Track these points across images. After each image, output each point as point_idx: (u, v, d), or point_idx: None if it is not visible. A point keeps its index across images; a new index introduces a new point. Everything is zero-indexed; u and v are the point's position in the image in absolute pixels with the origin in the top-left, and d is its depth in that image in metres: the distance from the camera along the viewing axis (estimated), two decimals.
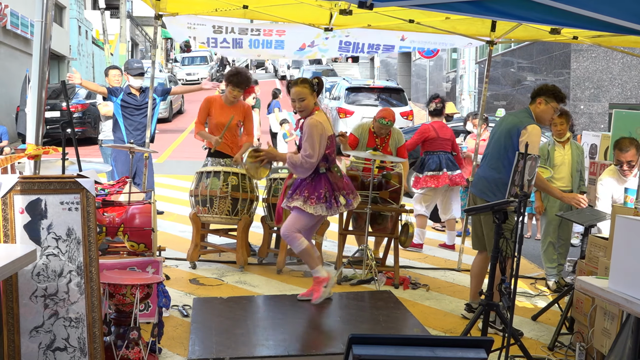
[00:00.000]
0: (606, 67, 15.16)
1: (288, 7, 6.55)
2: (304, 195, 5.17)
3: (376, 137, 6.72)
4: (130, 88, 7.72)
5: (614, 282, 3.20)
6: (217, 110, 6.69)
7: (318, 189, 5.18)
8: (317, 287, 5.23)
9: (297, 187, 5.29)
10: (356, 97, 18.26)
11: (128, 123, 7.66)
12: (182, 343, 4.58)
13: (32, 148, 3.72)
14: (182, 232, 7.92)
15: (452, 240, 7.93)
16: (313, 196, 5.16)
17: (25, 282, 3.50)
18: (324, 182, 5.19)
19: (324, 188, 5.18)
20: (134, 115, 7.64)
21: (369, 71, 38.85)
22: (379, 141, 6.71)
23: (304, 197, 5.17)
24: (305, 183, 5.23)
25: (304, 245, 5.23)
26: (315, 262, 5.28)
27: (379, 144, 6.70)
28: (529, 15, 3.92)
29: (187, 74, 34.84)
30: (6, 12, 18.57)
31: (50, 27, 3.74)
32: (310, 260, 5.28)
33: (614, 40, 6.81)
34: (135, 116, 7.63)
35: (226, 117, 6.64)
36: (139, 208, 4.57)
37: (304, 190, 5.20)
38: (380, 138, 6.71)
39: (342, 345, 4.44)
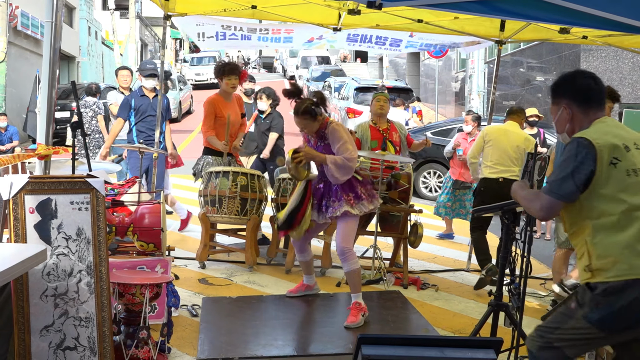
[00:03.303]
0: (616, 66, 15.08)
1: (296, 7, 6.56)
2: (344, 198, 4.90)
3: (379, 128, 6.64)
4: (143, 89, 7.69)
5: None
6: (223, 109, 6.68)
7: (353, 189, 4.95)
8: (355, 312, 4.89)
9: (329, 194, 5.00)
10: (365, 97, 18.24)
11: (140, 125, 7.61)
12: (192, 343, 4.59)
13: (43, 148, 3.74)
14: (191, 232, 7.94)
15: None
16: (350, 197, 4.92)
17: (36, 282, 3.52)
18: (354, 182, 4.98)
19: (357, 187, 4.97)
20: (146, 120, 7.58)
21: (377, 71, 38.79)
22: (383, 131, 6.61)
23: (345, 200, 4.89)
24: (337, 188, 4.94)
25: (358, 265, 4.96)
26: (360, 287, 4.98)
27: (385, 134, 6.59)
28: (539, 14, 3.91)
29: (196, 74, 34.87)
30: (17, 12, 18.67)
31: (61, 27, 3.76)
32: (358, 283, 4.97)
33: (624, 40, 6.78)
34: (146, 118, 7.58)
35: (232, 114, 6.67)
36: (149, 208, 4.59)
37: (341, 195, 4.91)
38: (384, 129, 6.63)
39: (351, 345, 4.44)
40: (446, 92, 26.95)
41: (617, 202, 2.74)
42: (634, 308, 2.67)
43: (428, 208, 8.58)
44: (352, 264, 4.91)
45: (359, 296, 4.94)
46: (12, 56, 18.78)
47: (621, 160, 2.76)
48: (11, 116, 16.42)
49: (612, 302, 2.69)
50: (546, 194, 2.84)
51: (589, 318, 2.74)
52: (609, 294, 2.69)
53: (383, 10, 4.12)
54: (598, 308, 2.72)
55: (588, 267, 2.77)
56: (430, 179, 11.85)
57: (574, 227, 2.88)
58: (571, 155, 2.78)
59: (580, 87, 2.97)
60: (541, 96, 17.50)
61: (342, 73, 29.36)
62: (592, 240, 2.77)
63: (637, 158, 2.80)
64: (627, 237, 2.71)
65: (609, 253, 2.72)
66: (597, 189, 2.76)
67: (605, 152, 2.75)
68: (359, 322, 4.81)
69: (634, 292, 2.66)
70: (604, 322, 2.72)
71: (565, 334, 2.83)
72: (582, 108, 2.95)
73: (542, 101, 17.22)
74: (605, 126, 2.88)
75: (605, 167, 2.75)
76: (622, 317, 2.70)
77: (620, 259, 2.69)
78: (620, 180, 2.75)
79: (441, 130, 12.21)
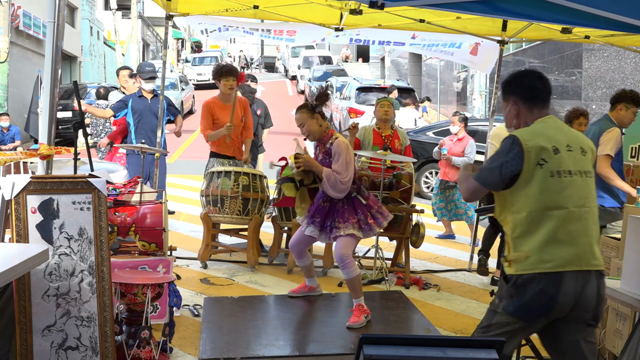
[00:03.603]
0: (618, 66, 15.06)
1: (298, 7, 6.55)
2: (351, 222, 4.89)
3: (382, 133, 6.66)
4: (142, 91, 7.69)
5: (626, 283, 3.18)
6: (219, 112, 6.64)
7: (357, 213, 4.94)
8: (358, 313, 4.89)
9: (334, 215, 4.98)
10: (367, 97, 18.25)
11: (138, 127, 7.60)
12: (193, 342, 4.59)
13: (45, 148, 3.75)
14: (193, 232, 7.94)
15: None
16: (354, 220, 4.91)
17: (38, 282, 3.53)
18: (357, 206, 4.96)
19: (359, 213, 4.94)
20: (144, 120, 7.57)
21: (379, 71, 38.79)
22: (385, 138, 6.63)
23: (352, 224, 4.89)
24: (344, 209, 4.93)
25: (358, 272, 4.95)
26: (361, 292, 4.98)
27: (387, 140, 6.62)
28: (541, 14, 3.89)
29: (198, 74, 34.87)
30: (19, 13, 18.68)
31: (63, 27, 3.76)
32: (359, 289, 4.96)
33: (627, 39, 6.77)
34: (145, 121, 7.56)
35: (229, 115, 6.62)
36: (151, 208, 4.59)
37: (348, 217, 4.90)
38: (387, 135, 6.65)
39: (353, 345, 4.44)
40: (448, 92, 26.92)
41: (536, 200, 2.94)
42: (542, 298, 2.91)
43: (430, 208, 8.58)
44: (352, 272, 4.89)
45: (361, 299, 4.94)
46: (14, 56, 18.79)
47: (548, 162, 2.94)
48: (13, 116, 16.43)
49: (522, 293, 2.93)
50: (474, 179, 3.09)
51: (506, 309, 2.99)
52: (520, 285, 2.94)
53: (385, 10, 4.11)
54: (512, 300, 2.97)
55: (505, 258, 3.03)
56: (431, 179, 11.85)
57: (501, 216, 3.10)
58: (504, 150, 2.99)
59: (527, 86, 3.14)
60: None
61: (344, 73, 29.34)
62: (512, 234, 3.00)
63: (564, 160, 2.97)
64: (540, 234, 2.92)
65: (523, 247, 2.95)
66: (521, 186, 2.95)
67: (533, 154, 2.93)
68: (361, 322, 4.81)
69: (541, 284, 2.90)
70: (519, 311, 2.96)
71: (496, 329, 3.03)
72: (527, 105, 3.12)
73: None
74: (543, 127, 3.06)
75: (532, 167, 2.93)
76: (533, 306, 2.93)
77: (531, 254, 2.92)
78: (543, 180, 2.93)
79: (443, 130, 12.20)
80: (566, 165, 2.97)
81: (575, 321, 2.98)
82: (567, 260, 2.90)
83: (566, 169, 2.96)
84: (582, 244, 2.94)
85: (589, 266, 2.93)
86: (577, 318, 2.97)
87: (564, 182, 2.95)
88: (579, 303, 2.92)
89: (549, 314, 2.95)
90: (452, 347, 2.46)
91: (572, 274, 2.90)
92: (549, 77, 3.26)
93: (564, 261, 2.90)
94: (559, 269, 2.89)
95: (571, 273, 2.90)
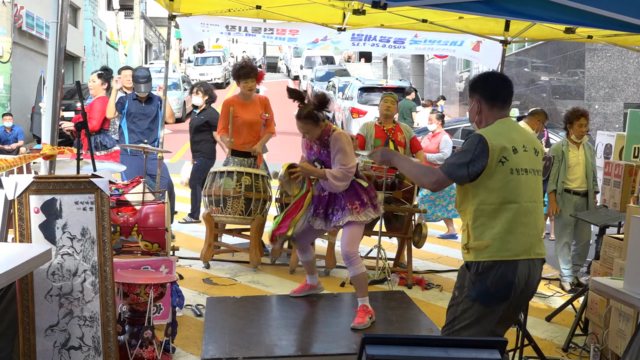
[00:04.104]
0: (621, 66, 15.04)
1: (301, 7, 6.56)
2: (348, 208, 4.88)
3: (384, 127, 6.65)
4: (136, 95, 7.65)
5: (629, 283, 3.18)
6: (240, 110, 6.67)
7: (358, 196, 4.92)
8: (362, 314, 4.87)
9: (334, 202, 4.98)
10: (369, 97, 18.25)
11: (131, 130, 7.56)
12: (196, 342, 4.60)
13: (48, 148, 3.75)
14: (196, 232, 7.94)
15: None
16: (356, 205, 4.89)
17: (41, 281, 3.53)
18: (358, 189, 4.94)
19: (362, 194, 4.93)
20: (137, 123, 7.54)
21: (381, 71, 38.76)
22: (388, 131, 6.62)
23: (349, 210, 4.87)
24: (342, 197, 4.93)
25: (364, 269, 4.93)
26: (366, 291, 4.96)
27: (389, 134, 6.61)
28: (544, 14, 3.89)
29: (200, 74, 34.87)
30: (22, 13, 18.70)
31: (66, 28, 3.77)
32: (364, 287, 4.95)
33: (629, 39, 6.77)
34: (138, 123, 7.53)
35: (250, 113, 6.65)
36: (153, 208, 4.59)
37: (346, 204, 4.90)
38: (388, 129, 6.64)
39: (355, 345, 4.44)
40: (450, 92, 26.91)
41: (496, 194, 3.21)
42: (502, 282, 3.20)
43: None
44: (358, 268, 4.88)
45: (366, 299, 4.93)
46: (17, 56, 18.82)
47: (508, 160, 3.22)
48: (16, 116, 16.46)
49: (484, 279, 3.21)
50: (443, 172, 3.29)
51: (470, 296, 3.26)
52: (481, 272, 3.22)
53: (388, 10, 4.12)
54: (475, 286, 3.24)
55: (465, 246, 3.29)
56: None
57: (461, 206, 3.36)
58: (471, 148, 3.23)
59: (490, 87, 3.41)
60: (546, 96, 17.46)
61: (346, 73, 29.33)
62: (472, 224, 3.26)
63: (522, 160, 3.27)
64: (499, 225, 3.21)
65: (483, 237, 3.23)
66: (484, 180, 3.22)
67: (496, 152, 3.20)
68: (365, 323, 4.80)
69: (500, 270, 3.20)
70: (482, 296, 3.23)
71: (461, 321, 3.29)
72: (488, 105, 3.38)
73: (547, 101, 17.18)
74: (503, 127, 3.33)
75: (495, 163, 3.20)
76: (494, 291, 3.21)
77: (491, 243, 3.21)
78: (504, 177, 3.21)
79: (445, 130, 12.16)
80: (523, 164, 3.27)
81: (518, 303, 3.33)
82: (522, 250, 3.23)
83: (523, 167, 3.27)
84: (532, 236, 3.28)
85: (536, 255, 3.29)
86: (519, 300, 3.32)
87: (521, 179, 3.25)
88: (526, 287, 3.28)
89: (509, 297, 3.23)
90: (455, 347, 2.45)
91: (524, 262, 3.24)
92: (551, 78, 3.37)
93: (519, 250, 3.22)
94: (515, 257, 3.22)
95: (524, 261, 3.24)
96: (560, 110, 16.16)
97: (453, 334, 3.32)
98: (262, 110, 6.81)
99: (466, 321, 3.29)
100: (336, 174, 4.80)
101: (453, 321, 3.35)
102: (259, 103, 6.83)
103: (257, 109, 6.75)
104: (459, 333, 3.31)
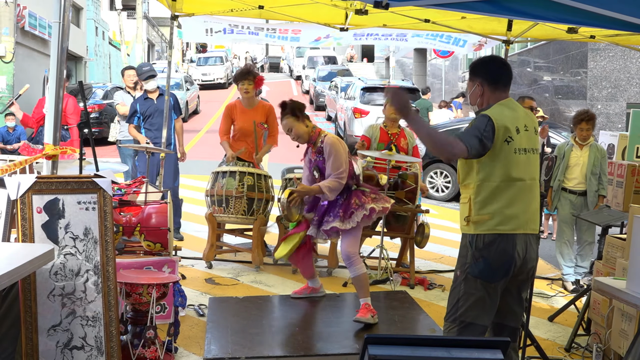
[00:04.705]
0: (624, 66, 15.02)
1: (303, 7, 6.55)
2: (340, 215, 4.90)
3: (388, 131, 6.66)
4: (147, 93, 7.63)
5: (632, 283, 3.17)
6: (239, 115, 6.66)
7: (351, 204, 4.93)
8: (365, 311, 4.87)
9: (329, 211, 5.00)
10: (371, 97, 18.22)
11: (147, 129, 7.55)
12: (198, 342, 4.60)
13: (50, 148, 3.76)
14: (198, 232, 7.95)
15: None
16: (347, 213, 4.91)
17: (43, 281, 3.53)
18: (355, 197, 4.96)
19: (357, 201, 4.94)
20: (152, 121, 7.52)
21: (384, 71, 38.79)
22: (392, 135, 6.64)
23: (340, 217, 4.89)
24: (338, 204, 4.96)
25: (364, 270, 4.95)
26: (368, 291, 4.96)
27: (392, 138, 6.62)
28: (546, 14, 3.89)
29: (203, 74, 34.90)
30: (24, 13, 18.72)
31: (68, 28, 3.77)
32: (365, 287, 4.94)
33: (632, 39, 6.76)
34: (153, 121, 7.52)
35: (249, 120, 6.61)
36: (156, 208, 4.60)
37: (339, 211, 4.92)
38: (393, 133, 6.65)
39: (358, 345, 4.44)
40: (453, 91, 26.89)
41: (500, 171, 3.36)
42: (503, 256, 3.34)
43: (435, 208, 8.56)
44: (358, 269, 4.89)
45: (368, 300, 4.93)
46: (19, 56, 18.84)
47: (513, 140, 3.37)
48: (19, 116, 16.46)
49: (486, 254, 3.35)
50: (457, 137, 3.35)
51: (472, 272, 3.38)
52: (482, 248, 3.35)
53: (390, 10, 4.12)
54: (477, 262, 3.36)
55: (467, 219, 3.42)
56: (437, 179, 11.83)
57: (465, 181, 3.49)
58: (481, 125, 3.35)
59: (493, 70, 3.54)
60: (548, 96, 17.44)
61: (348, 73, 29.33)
62: (475, 198, 3.40)
63: (523, 139, 3.43)
64: (502, 200, 3.36)
65: (485, 211, 3.37)
66: (489, 158, 3.36)
67: (501, 132, 3.35)
68: (368, 318, 4.81)
69: (502, 244, 3.34)
70: (484, 272, 3.36)
71: (465, 303, 3.40)
72: (491, 87, 3.51)
73: (550, 101, 17.17)
74: (505, 109, 3.46)
75: (500, 143, 3.35)
76: (496, 266, 3.35)
77: (492, 217, 3.35)
78: (508, 155, 3.36)
79: (447, 130, 12.19)
80: (524, 144, 3.43)
81: (517, 277, 3.44)
82: (520, 225, 3.38)
83: (524, 147, 3.43)
84: (530, 212, 3.43)
85: (532, 230, 3.44)
86: (519, 274, 3.44)
87: (523, 158, 3.41)
88: (524, 262, 3.41)
89: (509, 272, 3.37)
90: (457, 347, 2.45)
91: (521, 236, 3.38)
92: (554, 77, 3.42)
93: (517, 225, 3.37)
94: (514, 231, 3.36)
95: (521, 235, 3.38)
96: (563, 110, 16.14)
97: (460, 317, 3.43)
98: (263, 119, 6.70)
99: (469, 301, 3.39)
100: (330, 186, 4.86)
101: (457, 303, 3.44)
102: (262, 111, 6.73)
103: (256, 116, 6.65)
104: (465, 315, 3.41)
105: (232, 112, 6.68)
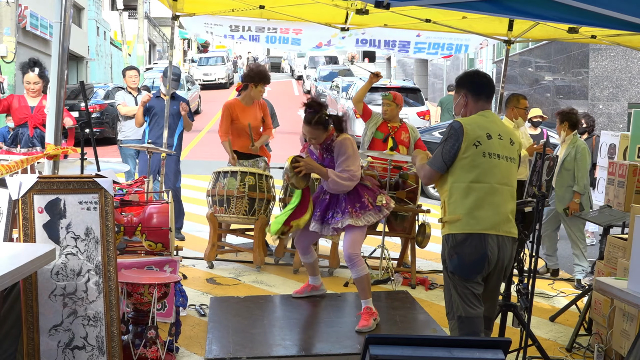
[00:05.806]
0: (625, 66, 15.00)
1: (304, 7, 6.56)
2: (348, 211, 4.86)
3: (388, 124, 6.68)
4: (160, 92, 7.62)
5: (634, 283, 3.17)
6: (240, 114, 6.68)
7: (359, 198, 4.90)
8: (367, 317, 4.84)
9: (331, 206, 4.96)
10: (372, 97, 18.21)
11: (152, 126, 7.54)
12: (199, 342, 4.60)
13: (51, 148, 3.76)
14: (199, 232, 7.95)
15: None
16: (356, 208, 4.87)
17: (45, 281, 3.54)
18: (361, 191, 4.92)
19: (364, 196, 4.91)
20: (159, 121, 7.51)
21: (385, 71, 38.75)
22: (391, 128, 6.64)
23: (349, 213, 4.85)
24: (343, 199, 4.91)
25: (366, 271, 4.91)
26: (370, 292, 4.92)
27: (392, 131, 6.62)
28: (547, 14, 3.89)
29: (204, 74, 34.87)
30: (26, 13, 18.73)
31: (69, 28, 3.77)
32: (367, 289, 4.90)
33: (634, 39, 6.75)
34: (160, 121, 7.50)
35: (250, 117, 6.68)
36: (157, 208, 4.60)
37: (346, 207, 4.87)
38: (392, 126, 6.66)
39: (359, 345, 4.44)
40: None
41: (469, 174, 3.57)
42: (475, 253, 3.54)
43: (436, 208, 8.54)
44: (361, 270, 4.86)
45: (370, 301, 4.90)
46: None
47: (482, 144, 3.58)
48: None
49: (459, 251, 3.57)
50: (428, 165, 3.70)
51: (450, 268, 3.62)
52: (455, 246, 3.58)
53: (391, 9, 4.12)
54: (452, 259, 3.60)
55: (441, 220, 3.68)
56: None
57: (440, 185, 3.72)
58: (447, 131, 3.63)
59: (477, 83, 3.80)
60: (549, 96, 17.43)
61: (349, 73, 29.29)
62: (448, 200, 3.64)
63: (495, 145, 3.62)
64: (470, 201, 3.56)
65: (457, 212, 3.59)
66: (459, 161, 3.58)
67: (471, 135, 3.57)
68: (370, 326, 4.78)
69: (473, 242, 3.54)
70: (458, 268, 3.58)
71: (457, 298, 3.61)
72: (474, 98, 3.76)
73: (551, 101, 17.15)
74: (482, 118, 3.69)
75: (469, 145, 3.56)
76: (469, 262, 3.55)
77: (462, 218, 3.57)
78: (476, 158, 3.57)
79: None
80: (496, 150, 3.61)
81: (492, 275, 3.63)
82: (491, 225, 3.55)
83: (495, 152, 3.61)
84: (500, 214, 3.59)
85: (506, 232, 3.60)
86: (494, 273, 3.62)
87: (492, 163, 3.60)
88: (498, 262, 3.58)
89: (483, 269, 3.55)
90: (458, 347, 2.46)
91: (493, 237, 3.55)
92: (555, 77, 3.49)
93: (487, 225, 3.55)
94: (484, 231, 3.54)
95: (492, 236, 3.55)
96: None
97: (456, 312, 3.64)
98: (261, 114, 6.87)
99: (456, 296, 3.61)
100: (338, 179, 4.80)
101: (450, 299, 3.68)
102: (258, 107, 6.88)
103: (256, 113, 6.80)
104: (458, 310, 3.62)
105: (232, 111, 6.68)
